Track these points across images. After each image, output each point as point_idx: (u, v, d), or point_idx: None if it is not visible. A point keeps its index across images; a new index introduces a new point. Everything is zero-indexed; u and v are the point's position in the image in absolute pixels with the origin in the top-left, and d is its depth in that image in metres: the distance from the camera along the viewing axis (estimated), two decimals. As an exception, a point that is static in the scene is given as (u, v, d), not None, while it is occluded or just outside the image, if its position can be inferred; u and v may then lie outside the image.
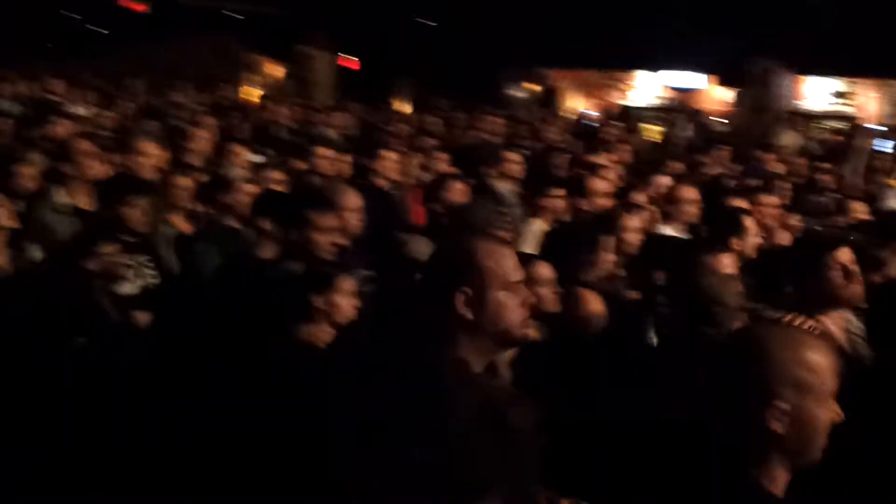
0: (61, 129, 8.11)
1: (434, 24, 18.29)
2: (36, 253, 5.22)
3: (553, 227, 6.35)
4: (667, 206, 6.81)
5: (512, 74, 19.71)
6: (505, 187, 7.82)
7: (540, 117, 14.44)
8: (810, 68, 16.70)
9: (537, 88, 20.01)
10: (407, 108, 17.03)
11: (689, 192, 6.85)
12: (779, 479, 2.26)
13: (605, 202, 6.81)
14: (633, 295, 5.15)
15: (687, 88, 18.56)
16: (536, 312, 4.29)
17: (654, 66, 18.29)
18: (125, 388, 4.22)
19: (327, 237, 4.82)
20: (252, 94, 20.05)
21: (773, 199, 7.13)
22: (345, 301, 4.09)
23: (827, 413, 2.28)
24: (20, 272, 4.95)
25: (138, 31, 20.14)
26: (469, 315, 2.56)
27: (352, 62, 20.34)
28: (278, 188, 6.46)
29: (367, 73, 19.65)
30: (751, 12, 13.62)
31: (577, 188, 6.97)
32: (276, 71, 22.07)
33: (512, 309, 2.61)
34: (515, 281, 2.64)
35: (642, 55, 16.87)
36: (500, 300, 2.58)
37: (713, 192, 7.51)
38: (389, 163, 7.78)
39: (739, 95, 17.06)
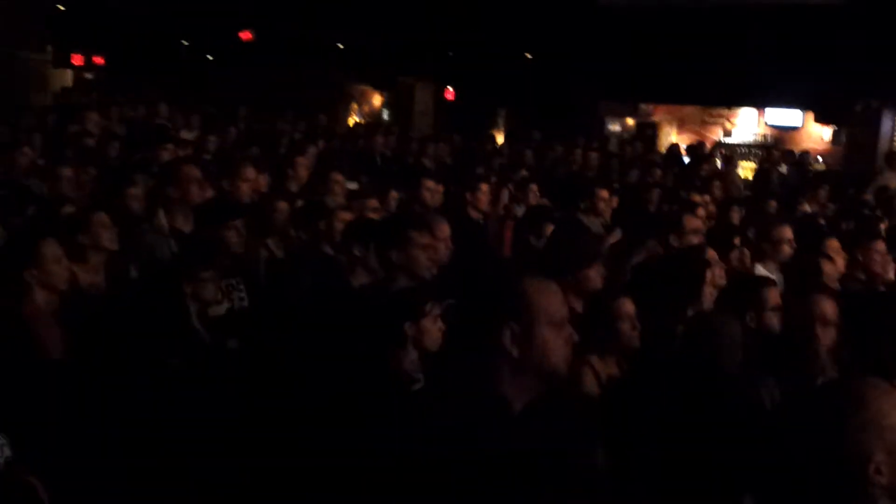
0: (166, 153, 8.37)
1: (531, 56, 18.34)
2: (135, 273, 5.38)
3: (643, 263, 6.32)
4: (762, 244, 6.75)
5: (611, 108, 19.65)
6: (594, 222, 7.82)
7: (636, 153, 14.35)
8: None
9: (635, 123, 19.92)
10: (501, 139, 17.12)
11: (785, 232, 6.80)
12: None
13: (697, 239, 6.78)
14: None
15: (785, 126, 18.28)
16: (615, 346, 4.40)
17: (752, 102, 18.02)
18: (217, 409, 4.31)
19: (428, 255, 4.91)
20: (351, 122, 20.40)
21: (878, 245, 6.97)
22: (433, 327, 4.16)
23: None
24: (119, 292, 5.10)
25: (243, 58, 20.65)
26: (515, 352, 2.56)
27: (449, 93, 20.53)
28: (373, 216, 6.56)
29: (465, 103, 19.80)
30: (852, 50, 13.35)
31: (669, 224, 6.93)
32: (376, 100, 22.42)
33: (557, 346, 2.60)
34: (561, 318, 2.64)
35: (741, 91, 16.63)
36: (546, 337, 2.58)
37: (807, 231, 7.40)
38: (483, 194, 7.87)
39: (837, 134, 16.73)
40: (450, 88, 20.48)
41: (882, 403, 2.23)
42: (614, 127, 19.98)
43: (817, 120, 16.79)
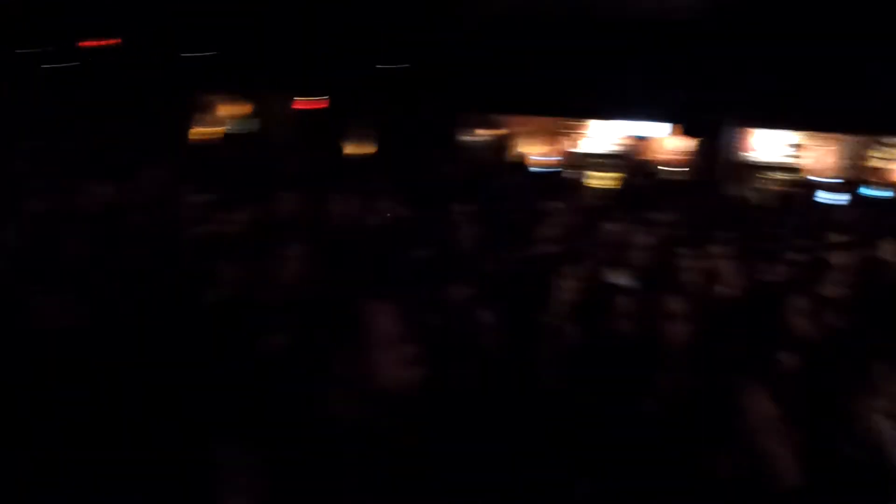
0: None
1: (394, 66, 18.32)
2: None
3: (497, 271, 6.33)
4: (616, 252, 6.84)
5: (467, 120, 19.73)
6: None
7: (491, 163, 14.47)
8: (762, 121, 16.94)
9: (492, 134, 20.05)
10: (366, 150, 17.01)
11: (640, 239, 6.88)
12: None
13: (552, 248, 6.83)
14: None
15: (641, 137, 18.71)
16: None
17: (608, 115, 18.39)
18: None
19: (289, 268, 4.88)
20: (208, 133, 19.94)
21: (721, 250, 7.18)
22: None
23: None
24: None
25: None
26: (348, 373, 2.57)
27: (313, 103, 20.30)
28: (233, 228, 6.37)
29: (328, 114, 19.61)
30: (702, 63, 13.83)
31: (523, 233, 6.98)
32: (235, 110, 21.95)
33: (389, 366, 2.61)
34: (393, 338, 2.64)
35: (593, 103, 16.96)
36: (377, 358, 2.60)
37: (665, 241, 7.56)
38: (339, 205, 7.78)
39: (687, 145, 17.27)
40: (313, 100, 20.26)
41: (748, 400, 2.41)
42: (469, 137, 20.07)
43: (674, 133, 17.25)
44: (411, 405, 3.02)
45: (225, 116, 21.84)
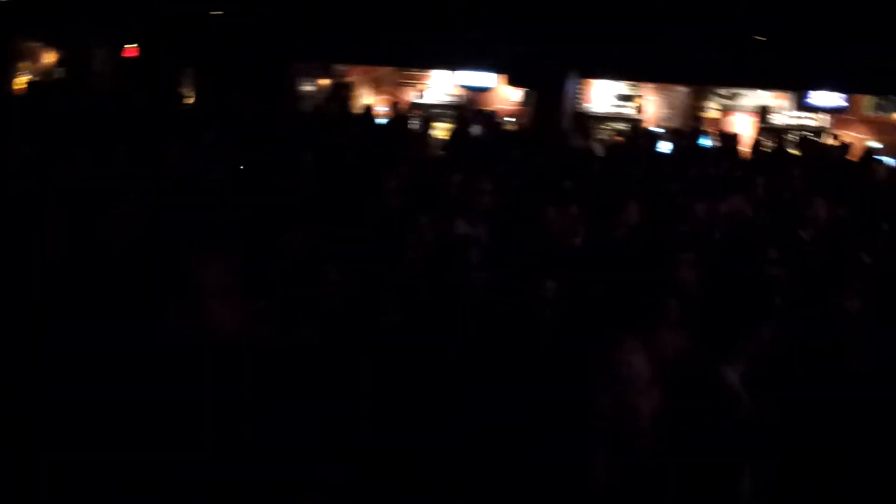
0: None
1: (221, 12, 17.57)
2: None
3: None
4: (461, 200, 6.72)
5: (304, 69, 19.24)
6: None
7: (333, 113, 14.11)
8: (596, 71, 17.11)
9: (328, 83, 19.66)
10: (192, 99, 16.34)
11: (484, 186, 6.81)
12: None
13: (397, 199, 6.69)
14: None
15: (478, 88, 18.69)
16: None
17: (447, 65, 18.27)
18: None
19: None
20: (21, 82, 18.81)
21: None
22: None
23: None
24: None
25: None
26: (184, 328, 2.51)
27: (131, 50, 19.31)
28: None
29: (150, 62, 18.68)
30: (540, 14, 13.78)
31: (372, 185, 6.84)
32: (50, 58, 20.76)
33: (226, 317, 2.60)
34: (227, 289, 2.65)
35: (434, 54, 16.81)
36: (213, 310, 2.59)
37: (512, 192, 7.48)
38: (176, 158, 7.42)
39: (529, 96, 17.30)
40: (132, 46, 19.25)
41: (619, 354, 2.42)
42: (308, 87, 19.61)
43: (509, 83, 17.26)
44: (253, 359, 2.91)
45: (48, 65, 20.70)
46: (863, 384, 3.89)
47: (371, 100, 18.58)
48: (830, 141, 15.58)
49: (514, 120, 17.28)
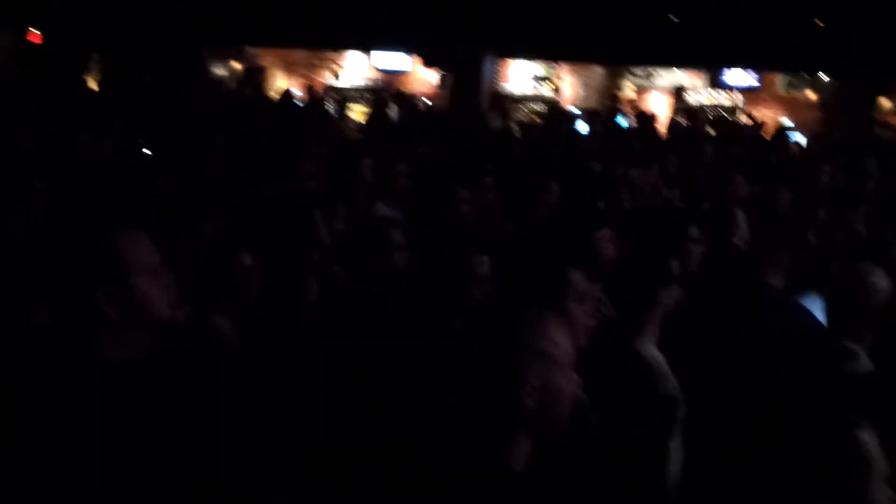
0: None
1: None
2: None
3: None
4: (379, 183, 6.64)
5: (216, 52, 18.87)
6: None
7: (247, 97, 13.87)
8: (513, 52, 17.10)
9: (241, 67, 19.33)
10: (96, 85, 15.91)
11: (401, 169, 6.79)
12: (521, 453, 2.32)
13: (314, 184, 6.57)
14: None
15: (394, 70, 18.56)
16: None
17: (361, 46, 18.09)
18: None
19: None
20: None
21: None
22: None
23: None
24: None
25: None
26: (114, 312, 2.39)
27: (34, 36, 18.70)
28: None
29: (55, 47, 18.11)
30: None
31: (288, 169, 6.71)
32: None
33: (158, 296, 2.47)
34: (155, 266, 2.48)
35: (349, 35, 16.61)
36: (144, 289, 2.43)
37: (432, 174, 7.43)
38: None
39: (445, 78, 17.23)
40: (34, 31, 18.64)
41: (541, 330, 2.35)
42: (220, 71, 19.25)
43: (425, 64, 17.17)
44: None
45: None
46: (778, 358, 3.91)
47: (285, 83, 18.31)
48: (744, 119, 15.82)
49: (431, 102, 17.21)
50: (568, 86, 18.91)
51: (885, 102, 15.99)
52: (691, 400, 3.48)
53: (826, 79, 17.20)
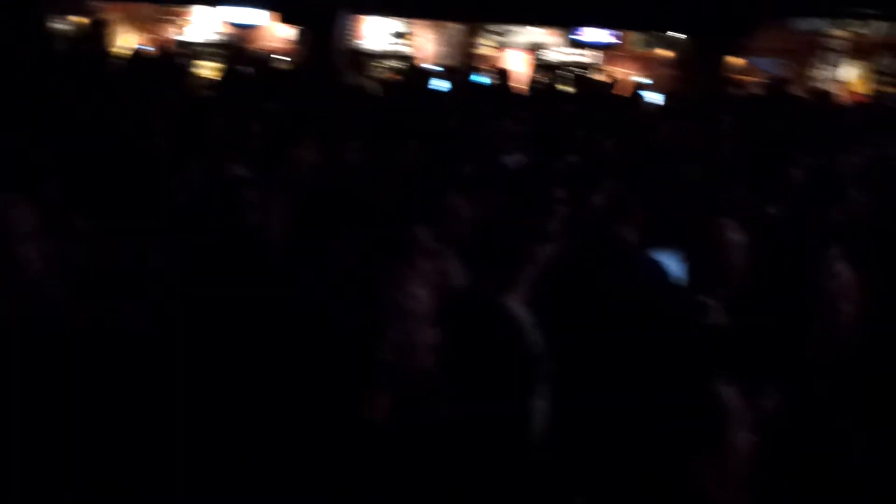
0: None
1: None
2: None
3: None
4: (230, 141, 6.46)
5: (55, 5, 17.95)
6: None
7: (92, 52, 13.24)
8: (368, 8, 16.84)
9: (85, 21, 18.45)
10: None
11: (253, 127, 6.69)
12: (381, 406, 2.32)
13: (164, 143, 6.33)
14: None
15: (246, 25, 18.06)
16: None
17: (208, 1, 17.47)
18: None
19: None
20: None
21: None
22: None
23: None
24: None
25: None
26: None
27: None
28: None
29: None
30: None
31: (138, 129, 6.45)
32: None
33: (31, 258, 2.51)
34: (29, 232, 2.53)
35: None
36: (19, 253, 2.50)
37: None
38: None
39: (302, 34, 16.85)
40: None
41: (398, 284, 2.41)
42: (61, 25, 18.32)
43: (284, 20, 16.76)
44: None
45: None
46: (633, 313, 3.95)
47: (131, 38, 17.60)
48: (601, 77, 16.01)
49: (286, 59, 16.82)
50: (427, 42, 18.78)
51: (735, 61, 16.40)
52: (558, 358, 3.48)
53: (682, 37, 17.56)
